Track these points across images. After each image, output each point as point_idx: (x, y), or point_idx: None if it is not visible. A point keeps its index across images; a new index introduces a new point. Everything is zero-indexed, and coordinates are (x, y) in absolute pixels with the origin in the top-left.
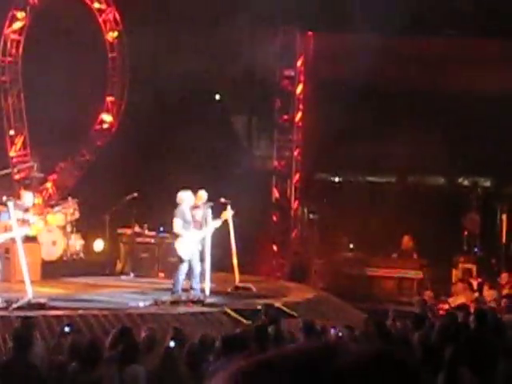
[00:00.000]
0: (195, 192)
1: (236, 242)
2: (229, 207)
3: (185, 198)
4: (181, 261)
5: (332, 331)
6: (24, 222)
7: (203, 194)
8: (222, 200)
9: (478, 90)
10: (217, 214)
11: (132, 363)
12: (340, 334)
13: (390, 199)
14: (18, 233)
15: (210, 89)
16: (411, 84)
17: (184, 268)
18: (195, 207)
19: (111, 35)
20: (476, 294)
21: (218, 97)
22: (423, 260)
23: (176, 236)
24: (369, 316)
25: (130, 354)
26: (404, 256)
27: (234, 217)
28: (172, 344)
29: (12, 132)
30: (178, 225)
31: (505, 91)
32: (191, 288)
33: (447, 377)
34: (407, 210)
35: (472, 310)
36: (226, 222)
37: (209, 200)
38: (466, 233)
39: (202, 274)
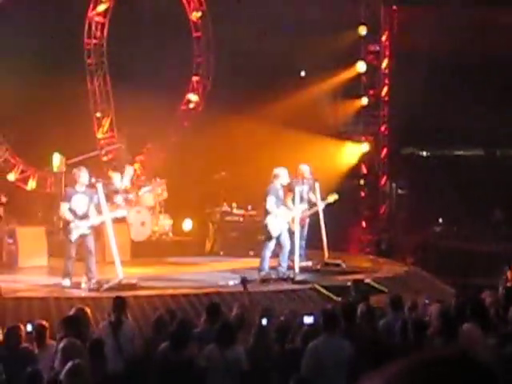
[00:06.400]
0: (296, 168)
1: (325, 219)
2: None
3: (280, 174)
4: (269, 238)
5: (422, 306)
6: (113, 203)
7: (305, 169)
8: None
9: None
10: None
11: (231, 343)
12: (431, 309)
13: (478, 172)
14: (110, 215)
15: (296, 65)
16: (496, 55)
17: (271, 245)
18: (299, 183)
19: (195, 15)
20: None
21: (303, 73)
22: None
23: (267, 213)
24: (460, 290)
25: (227, 333)
26: (494, 229)
27: (323, 194)
28: (264, 322)
29: (99, 114)
30: (271, 202)
31: None
32: (279, 265)
33: None
34: (496, 182)
35: None
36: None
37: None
38: None
39: (292, 251)
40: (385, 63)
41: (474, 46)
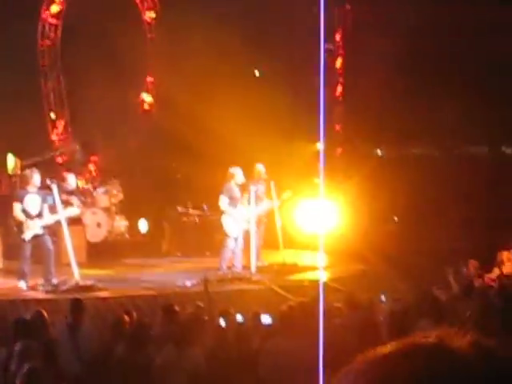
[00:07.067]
0: (252, 167)
1: (281, 218)
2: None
3: (234, 173)
4: (227, 237)
5: (378, 305)
6: (68, 204)
7: (260, 169)
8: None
9: None
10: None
11: (188, 344)
12: (386, 306)
13: (434, 171)
14: (64, 215)
15: (249, 65)
16: (451, 53)
17: (230, 245)
18: (255, 182)
19: (149, 15)
20: None
21: (257, 73)
22: (470, 230)
23: (222, 212)
24: (415, 288)
25: (183, 334)
26: (451, 227)
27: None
28: (222, 323)
29: (53, 115)
30: (223, 201)
31: None
32: (233, 265)
33: None
34: (452, 182)
35: None
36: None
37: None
38: None
39: (247, 251)
40: (339, 62)
41: (431, 44)
